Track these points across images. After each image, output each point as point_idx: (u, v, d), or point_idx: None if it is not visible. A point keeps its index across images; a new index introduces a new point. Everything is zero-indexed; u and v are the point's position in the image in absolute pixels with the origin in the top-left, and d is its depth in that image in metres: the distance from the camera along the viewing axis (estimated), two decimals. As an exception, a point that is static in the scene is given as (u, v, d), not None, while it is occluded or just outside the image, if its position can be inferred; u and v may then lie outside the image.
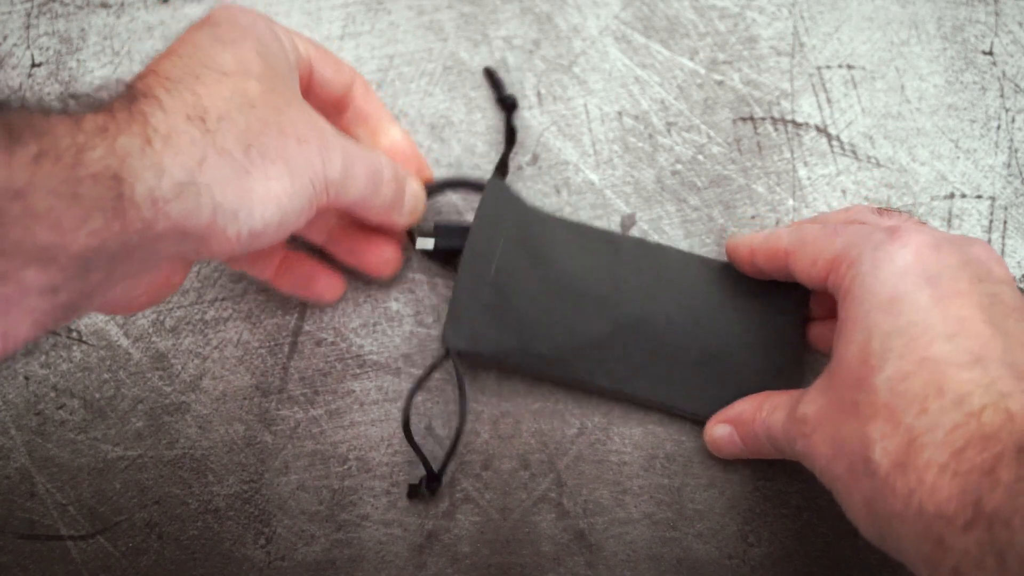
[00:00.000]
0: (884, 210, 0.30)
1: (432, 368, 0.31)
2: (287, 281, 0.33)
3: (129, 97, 0.21)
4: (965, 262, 0.25)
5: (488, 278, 0.31)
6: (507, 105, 0.36)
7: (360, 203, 0.28)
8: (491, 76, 0.37)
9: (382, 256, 0.33)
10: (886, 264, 0.25)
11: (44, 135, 0.18)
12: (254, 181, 0.23)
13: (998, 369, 0.23)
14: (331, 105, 0.31)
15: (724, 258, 0.34)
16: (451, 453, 0.31)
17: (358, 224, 0.33)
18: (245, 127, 0.23)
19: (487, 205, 0.32)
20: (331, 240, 0.33)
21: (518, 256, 0.31)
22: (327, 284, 0.33)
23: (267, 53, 0.26)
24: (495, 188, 0.32)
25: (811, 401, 0.27)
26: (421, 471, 0.32)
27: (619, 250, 0.33)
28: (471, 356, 0.31)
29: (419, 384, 0.31)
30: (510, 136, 0.35)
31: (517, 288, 0.31)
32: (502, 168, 0.34)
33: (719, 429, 0.31)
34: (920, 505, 0.22)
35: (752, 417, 0.30)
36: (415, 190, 0.31)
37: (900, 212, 0.30)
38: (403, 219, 0.31)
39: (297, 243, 0.34)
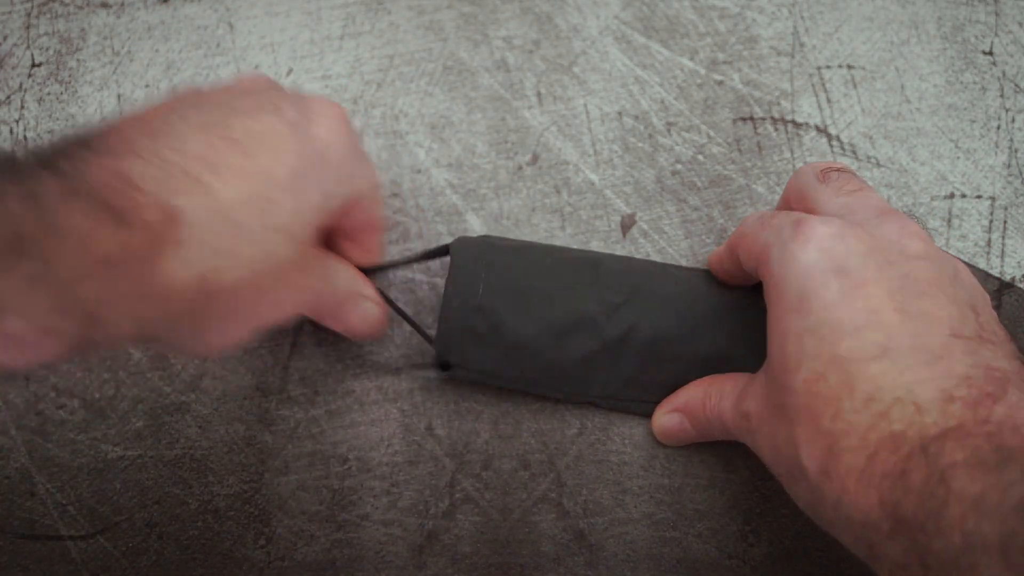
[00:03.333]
0: (827, 171, 0.29)
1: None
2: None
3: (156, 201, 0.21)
4: (873, 247, 0.24)
5: (474, 303, 0.31)
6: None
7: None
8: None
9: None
10: (792, 264, 0.24)
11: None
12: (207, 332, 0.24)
13: (906, 357, 0.22)
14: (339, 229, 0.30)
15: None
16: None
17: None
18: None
19: (463, 239, 0.32)
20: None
21: (500, 282, 0.31)
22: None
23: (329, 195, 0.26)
24: (465, 239, 0.32)
25: (752, 398, 0.26)
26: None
27: (599, 267, 0.33)
28: (460, 375, 0.32)
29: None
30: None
31: (502, 311, 0.31)
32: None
33: (669, 418, 0.31)
34: (848, 514, 0.22)
35: (702, 403, 0.30)
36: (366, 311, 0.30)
37: (842, 172, 0.28)
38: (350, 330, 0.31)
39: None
